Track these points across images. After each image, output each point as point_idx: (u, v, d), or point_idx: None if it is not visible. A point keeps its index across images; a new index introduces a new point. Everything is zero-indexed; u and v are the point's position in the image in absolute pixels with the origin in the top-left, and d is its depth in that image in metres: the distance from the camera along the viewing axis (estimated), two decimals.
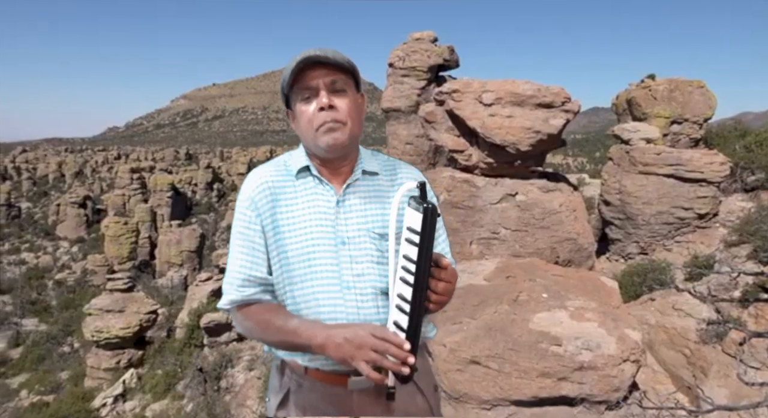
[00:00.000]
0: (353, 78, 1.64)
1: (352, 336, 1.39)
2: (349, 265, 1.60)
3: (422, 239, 1.34)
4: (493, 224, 8.20)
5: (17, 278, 42.70)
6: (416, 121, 15.80)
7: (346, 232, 1.61)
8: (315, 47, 1.58)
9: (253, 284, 1.62)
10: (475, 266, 7.02)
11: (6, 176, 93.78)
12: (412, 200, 1.39)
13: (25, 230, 66.93)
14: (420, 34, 17.75)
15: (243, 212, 1.65)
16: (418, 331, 1.38)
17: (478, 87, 8.53)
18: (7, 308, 34.96)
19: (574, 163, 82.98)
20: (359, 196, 1.66)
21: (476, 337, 4.88)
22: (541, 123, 8.04)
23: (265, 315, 1.59)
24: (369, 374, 1.36)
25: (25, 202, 79.82)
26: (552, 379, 4.29)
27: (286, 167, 1.69)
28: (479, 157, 8.63)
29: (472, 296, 5.79)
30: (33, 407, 18.01)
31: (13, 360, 26.05)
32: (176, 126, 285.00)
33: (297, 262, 1.60)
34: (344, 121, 1.58)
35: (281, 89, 1.65)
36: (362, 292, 1.60)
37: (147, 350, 21.22)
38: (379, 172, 1.71)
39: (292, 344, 1.53)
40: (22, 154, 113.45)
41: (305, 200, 1.64)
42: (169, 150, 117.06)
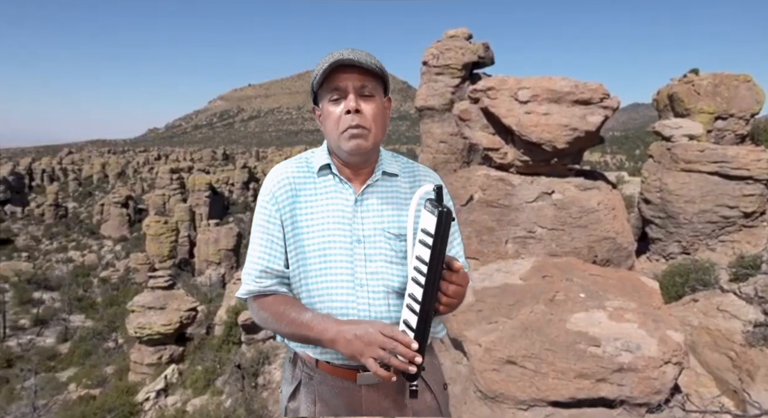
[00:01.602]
0: (382, 83, 1.66)
1: (362, 333, 1.42)
2: (363, 263, 1.63)
3: (435, 241, 1.36)
4: (529, 222, 8.11)
5: (65, 275, 44.29)
6: (450, 120, 15.73)
7: (362, 230, 1.64)
8: (347, 48, 1.60)
9: (270, 276, 1.66)
10: (511, 265, 6.96)
11: (54, 177, 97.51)
12: (428, 203, 1.41)
13: (71, 229, 69.45)
14: (454, 32, 17.64)
15: (264, 205, 1.70)
16: (426, 331, 1.41)
17: (513, 84, 8.44)
18: (56, 304, 36.35)
19: (613, 161, 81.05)
20: (377, 197, 1.68)
21: (512, 337, 4.84)
22: (579, 120, 7.91)
23: (280, 307, 1.62)
24: (377, 371, 1.39)
25: (71, 202, 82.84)
26: (590, 380, 4.22)
27: (308, 164, 1.73)
28: (515, 155, 8.54)
29: (507, 295, 5.75)
30: (81, 400, 18.69)
31: (61, 355, 27.08)
32: (213, 127, 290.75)
33: (313, 257, 1.64)
34: (369, 127, 1.60)
35: (311, 86, 1.68)
36: (374, 290, 1.63)
37: (187, 346, 21.76)
38: (398, 174, 1.74)
39: (304, 336, 1.57)
40: (68, 155, 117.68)
41: (324, 197, 1.67)
42: (207, 150, 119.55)
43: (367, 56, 1.59)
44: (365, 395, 1.67)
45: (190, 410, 15.69)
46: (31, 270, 45.48)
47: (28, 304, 36.07)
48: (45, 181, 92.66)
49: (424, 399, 1.73)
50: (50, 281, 41.90)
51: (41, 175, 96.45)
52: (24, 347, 28.01)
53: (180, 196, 64.21)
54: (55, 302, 36.94)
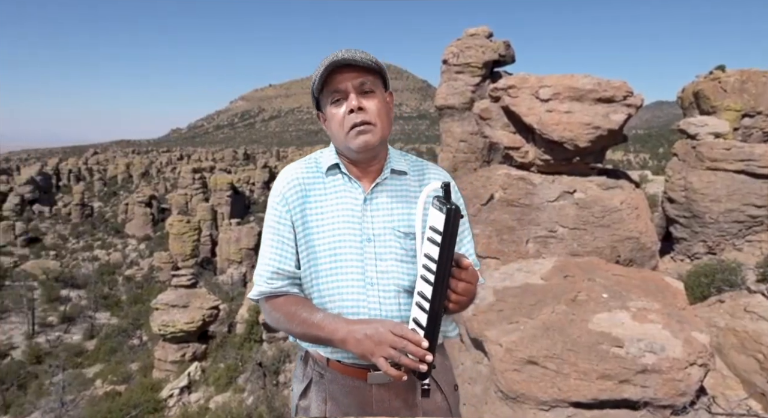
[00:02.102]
0: (381, 78, 1.66)
1: (372, 332, 1.43)
2: (374, 262, 1.63)
3: (444, 238, 1.36)
4: (550, 222, 8.05)
5: (91, 273, 45.18)
6: (470, 119, 15.66)
7: (372, 229, 1.64)
8: (343, 49, 1.61)
9: (282, 277, 1.67)
10: (532, 264, 6.91)
11: (80, 177, 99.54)
12: (436, 200, 1.41)
13: (97, 228, 70.83)
14: (475, 30, 17.56)
15: (274, 206, 1.71)
16: (436, 329, 1.40)
17: (535, 82, 8.38)
18: (83, 302, 37.11)
19: (636, 160, 79.86)
20: (387, 195, 1.69)
21: (533, 337, 4.82)
22: (601, 118, 7.82)
23: (291, 307, 1.63)
24: (387, 370, 1.39)
25: (96, 202, 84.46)
26: (613, 381, 4.18)
27: (317, 165, 1.74)
28: (536, 154, 8.48)
29: (528, 295, 5.71)
30: (107, 396, 19.07)
31: (88, 351, 27.65)
32: (235, 127, 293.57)
33: (323, 257, 1.64)
34: (374, 123, 1.61)
35: (311, 93, 1.68)
36: (385, 289, 1.64)
37: (210, 344, 22.06)
38: (407, 172, 1.74)
39: (315, 336, 1.57)
40: (94, 156, 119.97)
41: (334, 197, 1.68)
42: (228, 150, 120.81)
43: (362, 54, 1.59)
44: (376, 394, 1.68)
45: (212, 407, 15.91)
46: (58, 268, 46.49)
47: (56, 301, 36.88)
48: (71, 181, 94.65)
49: (435, 399, 1.74)
50: (77, 279, 42.77)
51: (68, 175, 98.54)
52: (52, 344, 28.65)
53: (202, 196, 65.06)
54: (82, 299, 37.71)
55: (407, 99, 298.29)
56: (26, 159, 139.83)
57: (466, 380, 5.79)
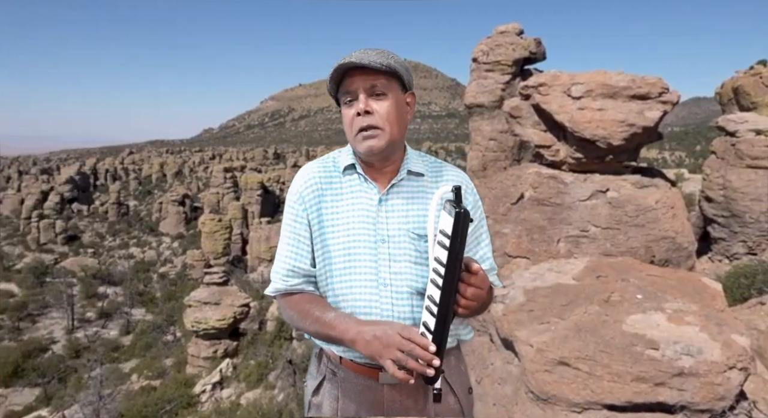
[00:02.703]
0: (397, 79, 1.64)
1: (381, 334, 1.43)
2: (387, 263, 1.63)
3: (452, 243, 1.34)
4: (582, 221, 7.92)
5: (127, 271, 46.34)
6: (500, 117, 15.51)
7: (387, 230, 1.64)
8: (360, 49, 1.61)
9: (297, 275, 1.69)
10: (563, 264, 6.81)
11: (116, 177, 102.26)
12: (447, 204, 1.40)
13: (132, 226, 72.63)
14: (505, 27, 17.37)
15: (291, 205, 1.73)
16: (445, 334, 1.39)
17: (566, 80, 8.26)
18: (119, 298, 38.11)
19: (671, 158, 77.89)
20: (402, 196, 1.68)
21: (565, 337, 4.75)
22: (636, 115, 7.66)
23: (305, 305, 1.65)
24: (394, 372, 1.39)
25: (132, 201, 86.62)
26: (648, 384, 4.09)
27: (335, 164, 1.75)
28: (567, 153, 8.35)
29: (560, 295, 5.63)
30: (142, 391, 19.56)
31: (124, 347, 28.39)
32: (265, 126, 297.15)
33: (337, 256, 1.65)
34: (381, 127, 1.60)
35: (328, 92, 1.70)
36: (398, 290, 1.63)
37: (241, 341, 22.39)
38: (424, 173, 1.72)
39: (326, 335, 1.59)
40: (129, 155, 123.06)
41: (349, 197, 1.68)
42: (259, 150, 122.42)
43: (376, 55, 1.58)
44: (387, 393, 1.69)
45: (243, 403, 16.16)
46: (96, 266, 47.84)
47: (94, 297, 37.95)
48: (108, 181, 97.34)
49: (448, 402, 1.73)
50: (114, 276, 43.93)
51: (105, 174, 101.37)
52: (90, 339, 29.49)
53: (233, 195, 66.06)
54: (118, 296, 38.72)
55: (436, 98, 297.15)
56: (66, 159, 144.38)
57: (496, 380, 5.75)
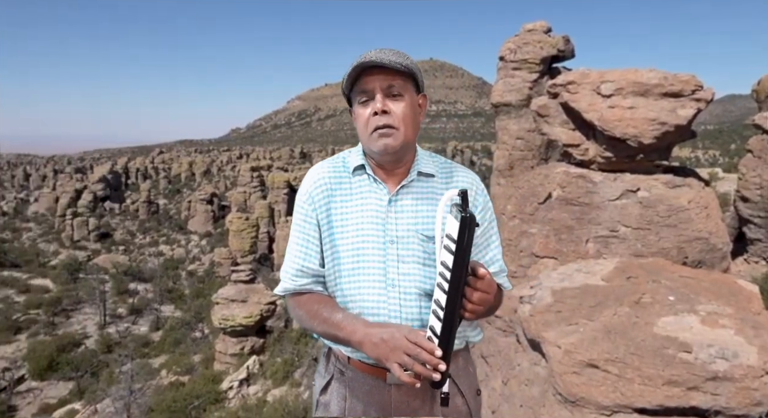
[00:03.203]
0: (412, 81, 1.64)
1: (388, 337, 1.43)
2: (396, 264, 1.63)
3: (458, 247, 1.34)
4: (612, 221, 7.78)
5: (157, 268, 47.24)
6: (527, 116, 15.34)
7: (396, 231, 1.64)
8: (377, 49, 1.60)
9: (306, 275, 1.70)
10: (592, 265, 6.71)
11: (146, 175, 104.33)
12: (453, 208, 1.40)
13: (162, 224, 73.98)
14: (533, 25, 17.16)
15: (301, 206, 1.73)
16: (451, 338, 1.39)
17: (596, 78, 8.12)
18: (149, 295, 38.88)
19: (705, 157, 75.94)
20: (412, 197, 1.67)
21: (594, 339, 4.68)
22: (668, 114, 7.49)
23: (314, 306, 1.65)
24: (400, 375, 1.40)
25: (162, 199, 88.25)
26: (680, 388, 4.00)
27: (344, 164, 1.74)
28: (596, 152, 8.21)
29: (588, 296, 5.55)
30: (171, 386, 19.92)
31: (154, 342, 28.94)
32: (291, 126, 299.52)
33: (346, 257, 1.65)
34: (397, 127, 1.59)
35: (342, 91, 1.68)
36: (406, 291, 1.63)
37: (267, 338, 22.62)
38: (435, 174, 1.72)
39: (334, 336, 1.59)
40: (159, 155, 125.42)
41: (359, 198, 1.68)
42: (285, 149, 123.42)
43: (394, 55, 1.58)
44: (395, 394, 1.68)
45: (270, 400, 16.32)
46: (127, 263, 48.89)
47: (125, 294, 38.80)
48: (139, 180, 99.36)
49: (456, 403, 1.72)
50: (144, 273, 44.83)
51: (136, 173, 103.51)
52: (121, 334, 30.15)
53: (260, 194, 66.73)
54: (148, 292, 39.49)
55: (462, 97, 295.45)
56: (99, 158, 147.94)
57: (522, 381, 5.69)
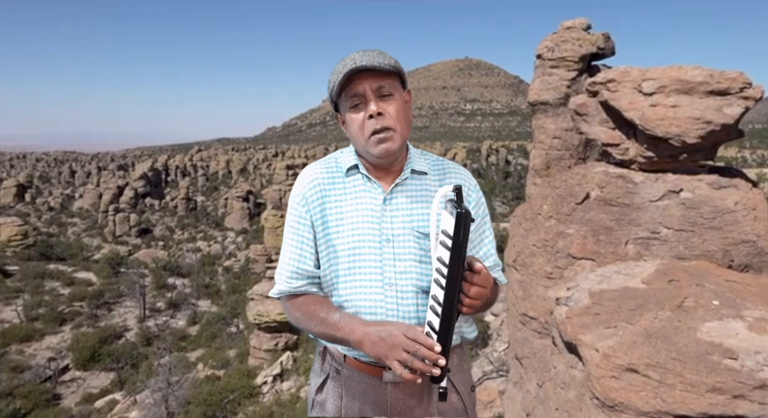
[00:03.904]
0: (399, 79, 1.64)
1: (386, 335, 1.44)
2: (392, 262, 1.63)
3: (454, 243, 1.35)
4: (653, 222, 7.58)
5: (194, 263, 48.30)
6: (565, 114, 15.07)
7: (391, 230, 1.64)
8: (359, 51, 1.59)
9: (302, 277, 1.70)
10: (632, 267, 6.55)
11: (185, 173, 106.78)
12: (448, 204, 1.41)
13: (199, 220, 75.61)
14: (571, 23, 16.85)
15: (294, 207, 1.73)
16: (449, 333, 1.40)
17: (637, 75, 7.92)
18: (187, 290, 39.79)
19: (752, 156, 73.21)
20: (406, 196, 1.68)
21: (633, 343, 4.57)
22: (713, 112, 7.24)
23: (310, 307, 1.66)
24: (401, 373, 1.40)
25: (200, 196, 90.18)
26: (725, 396, 3.87)
27: (337, 165, 1.74)
28: (637, 151, 8.01)
29: (628, 299, 5.42)
30: (207, 380, 20.36)
31: (191, 336, 29.61)
32: (326, 125, 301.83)
33: (343, 257, 1.65)
34: (394, 127, 1.60)
35: (329, 95, 1.66)
36: (403, 289, 1.63)
37: (301, 334, 22.86)
38: (428, 172, 1.72)
39: (332, 336, 1.59)
40: (198, 153, 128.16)
41: (353, 197, 1.68)
42: (320, 147, 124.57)
43: (379, 56, 1.58)
44: (391, 392, 1.69)
45: (303, 395, 16.51)
46: (166, 258, 50.12)
47: (164, 288, 39.76)
48: (178, 177, 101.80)
49: (451, 400, 1.73)
50: (182, 268, 45.86)
51: (175, 171, 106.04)
52: (160, 328, 30.92)
53: None
54: (186, 287, 40.40)
55: (498, 95, 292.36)
56: (140, 156, 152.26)
57: (558, 384, 5.60)
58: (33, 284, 31.88)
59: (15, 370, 22.46)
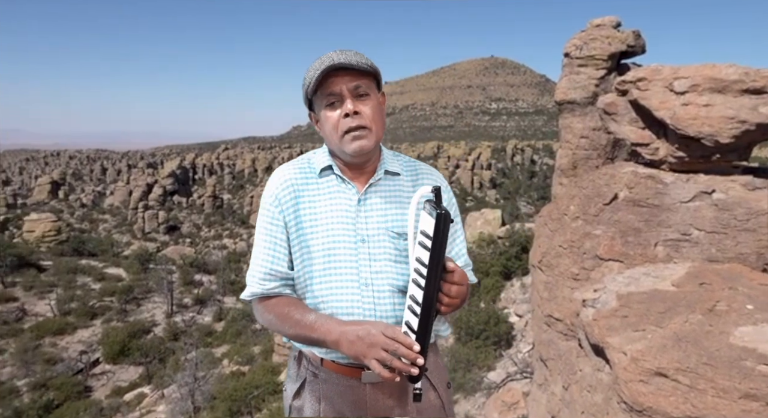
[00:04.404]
0: (375, 80, 1.64)
1: (364, 334, 1.43)
2: (368, 262, 1.63)
3: (434, 243, 1.36)
4: (684, 224, 7.42)
5: (220, 260, 48.98)
6: (593, 114, 14.84)
7: (366, 230, 1.65)
8: (336, 50, 1.59)
9: (275, 278, 1.69)
10: (661, 269, 6.43)
11: (212, 171, 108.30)
12: (426, 204, 1.42)
13: (226, 218, 76.65)
14: (601, 20, 16.58)
15: (267, 208, 1.72)
16: (428, 333, 1.42)
17: (669, 74, 7.76)
18: (213, 286, 40.38)
19: None
20: (380, 196, 1.68)
21: (663, 347, 4.48)
22: (748, 111, 7.06)
23: (284, 308, 1.64)
24: (380, 372, 1.40)
25: (226, 194, 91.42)
26: (760, 402, 3.77)
27: (310, 166, 1.75)
28: (667, 151, 7.85)
29: (657, 302, 5.32)
30: (232, 375, 20.61)
31: (217, 332, 30.03)
32: None
33: (318, 257, 1.65)
34: (369, 127, 1.60)
35: (304, 94, 1.67)
36: (379, 289, 1.64)
37: None
38: (400, 173, 1.73)
39: (308, 338, 1.58)
40: (225, 151, 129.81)
41: (327, 198, 1.68)
42: None
43: (356, 56, 1.57)
44: (370, 393, 1.69)
45: None
46: (193, 255, 50.94)
47: (191, 285, 40.41)
48: (205, 175, 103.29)
49: (428, 398, 1.74)
50: (208, 265, 46.55)
51: (202, 169, 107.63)
52: (187, 323, 31.43)
53: None
54: (212, 284, 41.00)
55: (524, 94, 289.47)
56: (168, 154, 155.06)
57: (584, 387, 5.53)
58: (66, 278, 32.70)
59: (48, 362, 23.08)
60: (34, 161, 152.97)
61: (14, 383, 21.64)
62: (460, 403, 11.11)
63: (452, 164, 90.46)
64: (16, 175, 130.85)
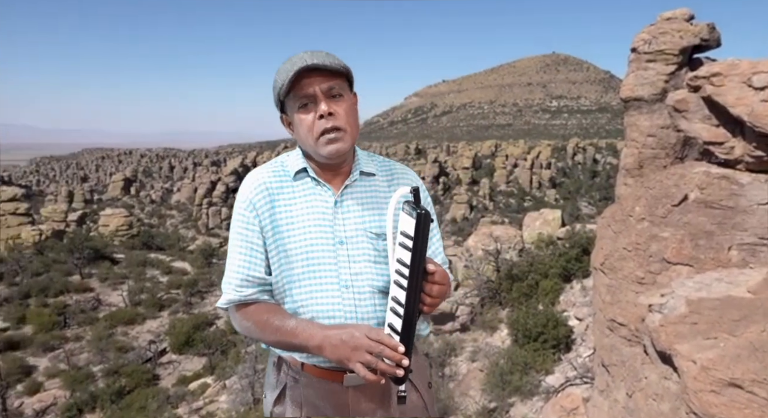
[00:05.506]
0: (347, 80, 1.63)
1: (348, 338, 1.42)
2: (347, 264, 1.62)
3: (415, 244, 1.36)
4: (761, 227, 7.01)
5: None
6: (661, 111, 14.21)
7: (344, 232, 1.63)
8: (307, 51, 1.56)
9: (252, 284, 1.66)
10: (736, 275, 6.11)
11: None
12: (406, 205, 1.41)
13: None
14: (671, 13, 15.83)
15: (241, 213, 1.69)
16: (412, 334, 1.40)
17: (747, 68, 7.35)
18: None
19: None
20: (356, 197, 1.67)
21: (737, 356, 4.27)
22: None
23: (263, 315, 1.62)
24: (365, 375, 1.38)
25: None
26: None
27: (284, 169, 1.71)
28: (744, 150, 7.44)
29: (731, 309, 5.06)
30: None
31: None
32: (407, 122, 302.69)
33: (296, 261, 1.62)
34: (344, 128, 1.58)
35: (276, 95, 1.63)
36: (360, 290, 1.62)
37: None
38: (375, 173, 1.71)
39: (289, 344, 1.56)
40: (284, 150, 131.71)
41: (303, 201, 1.66)
42: (401, 145, 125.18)
43: (328, 57, 1.56)
44: (352, 396, 1.67)
45: None
46: None
47: None
48: None
49: (411, 398, 1.70)
50: None
51: None
52: None
53: None
54: None
55: (586, 91, 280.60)
56: (231, 152, 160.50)
57: (650, 395, 5.34)
58: (136, 271, 34.48)
59: (120, 350, 24.44)
60: (109, 159, 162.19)
61: (90, 369, 23.05)
62: (517, 406, 10.95)
63: (510, 163, 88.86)
64: (93, 173, 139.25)
